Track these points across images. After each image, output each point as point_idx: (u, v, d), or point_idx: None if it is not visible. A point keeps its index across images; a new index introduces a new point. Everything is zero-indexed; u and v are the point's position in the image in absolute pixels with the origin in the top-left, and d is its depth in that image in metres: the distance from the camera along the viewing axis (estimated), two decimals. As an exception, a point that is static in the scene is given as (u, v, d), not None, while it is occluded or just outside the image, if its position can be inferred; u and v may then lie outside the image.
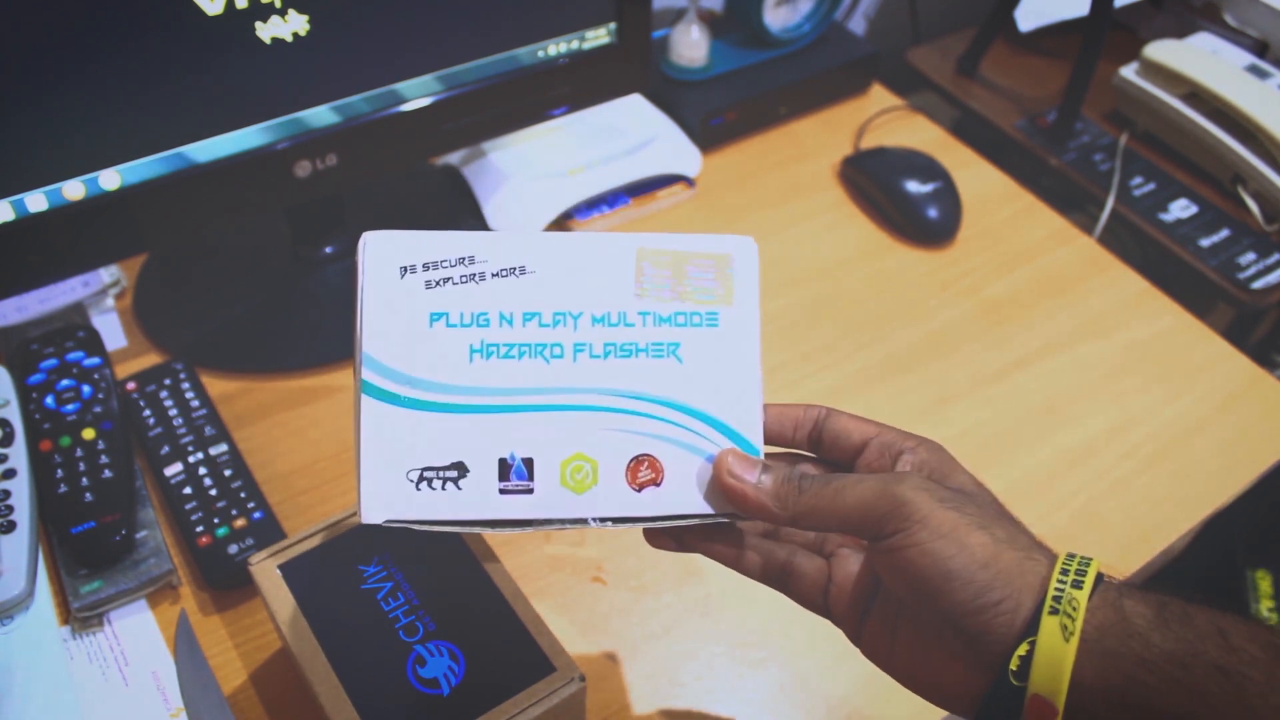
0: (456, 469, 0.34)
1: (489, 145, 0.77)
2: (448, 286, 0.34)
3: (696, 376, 0.36)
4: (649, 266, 0.36)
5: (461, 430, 0.34)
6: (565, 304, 0.35)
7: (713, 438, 0.36)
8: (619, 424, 0.35)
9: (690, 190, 0.80)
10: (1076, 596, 0.31)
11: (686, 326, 0.36)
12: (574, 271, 0.35)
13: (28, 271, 0.55)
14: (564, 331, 0.35)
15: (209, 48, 0.52)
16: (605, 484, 0.35)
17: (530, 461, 0.34)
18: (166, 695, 0.49)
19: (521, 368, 0.34)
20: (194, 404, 0.59)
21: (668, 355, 0.35)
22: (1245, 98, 0.81)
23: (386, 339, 0.34)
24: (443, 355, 0.34)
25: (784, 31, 0.86)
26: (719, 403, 0.36)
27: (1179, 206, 0.83)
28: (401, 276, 0.34)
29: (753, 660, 0.53)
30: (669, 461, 0.35)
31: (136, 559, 0.52)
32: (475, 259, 0.34)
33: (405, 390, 0.34)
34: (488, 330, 0.34)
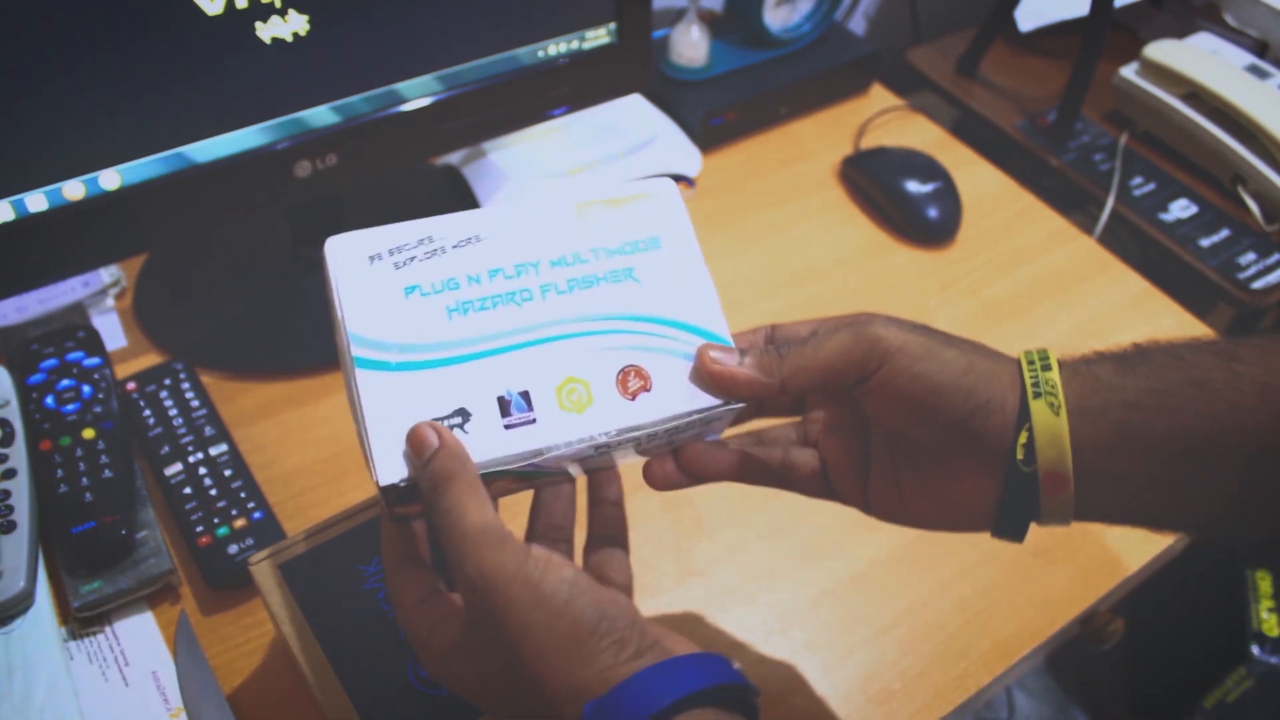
0: (460, 414, 0.35)
1: (489, 145, 0.77)
2: (414, 264, 0.37)
3: (656, 291, 0.39)
4: (586, 213, 0.39)
5: (455, 380, 0.36)
6: (523, 256, 0.38)
7: (686, 339, 0.38)
8: (599, 344, 0.37)
9: (690, 190, 0.80)
10: (1050, 377, 0.35)
11: (634, 253, 0.39)
12: (523, 230, 0.39)
13: (28, 271, 0.55)
14: (529, 278, 0.38)
15: (209, 48, 0.52)
16: (601, 400, 0.37)
17: (526, 394, 0.36)
18: (166, 695, 0.49)
19: (497, 316, 0.37)
20: (194, 404, 0.59)
21: (625, 279, 0.39)
22: (1245, 98, 0.81)
23: (368, 316, 0.36)
24: (423, 320, 0.36)
25: (784, 31, 0.86)
26: (682, 308, 0.39)
27: (1179, 206, 0.83)
28: (370, 264, 0.37)
29: (753, 660, 0.53)
30: (654, 368, 0.38)
31: (136, 559, 0.52)
32: (433, 238, 0.38)
33: (395, 356, 0.36)
34: (459, 291, 0.37)
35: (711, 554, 0.57)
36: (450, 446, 0.34)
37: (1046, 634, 0.55)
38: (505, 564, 0.32)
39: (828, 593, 0.56)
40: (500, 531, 0.33)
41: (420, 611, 0.36)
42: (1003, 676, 0.54)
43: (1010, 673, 0.54)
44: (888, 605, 0.55)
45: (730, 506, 0.59)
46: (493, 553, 0.32)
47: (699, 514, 0.59)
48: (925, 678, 0.53)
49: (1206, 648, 1.00)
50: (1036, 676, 1.18)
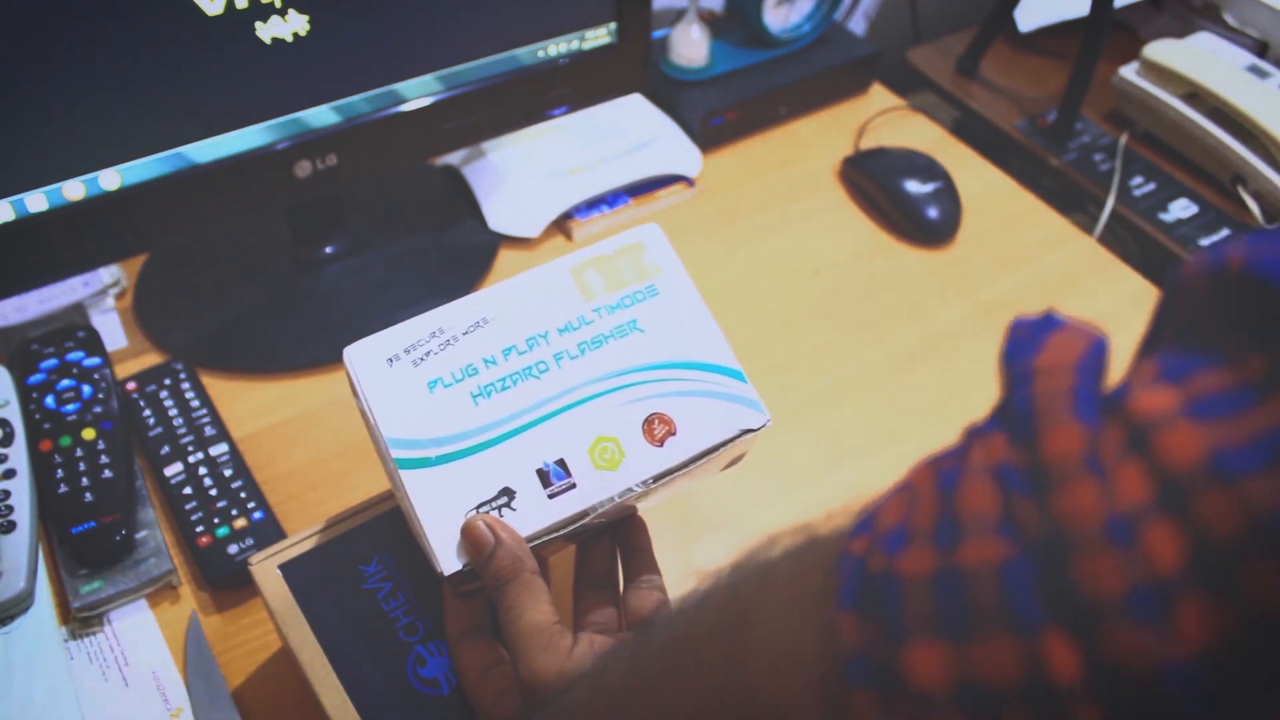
0: (505, 494, 0.37)
1: (489, 145, 0.77)
2: (431, 358, 0.39)
3: (662, 336, 0.40)
4: (582, 276, 0.41)
5: (494, 462, 0.38)
6: (532, 329, 0.39)
7: (699, 377, 0.40)
8: (619, 400, 0.39)
9: (690, 190, 0.80)
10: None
11: (634, 305, 0.40)
12: (526, 305, 0.40)
13: (28, 271, 0.55)
14: (541, 349, 0.39)
15: (209, 48, 0.52)
16: (632, 452, 0.39)
17: (563, 461, 0.38)
18: (166, 695, 0.49)
19: (520, 392, 0.38)
20: (194, 404, 0.59)
21: (631, 331, 0.40)
22: (1245, 98, 0.81)
23: (400, 418, 0.38)
24: (451, 410, 0.38)
25: (784, 31, 0.86)
26: (689, 348, 0.40)
27: (1179, 206, 0.83)
28: (390, 366, 0.38)
29: (753, 660, 0.53)
30: (674, 411, 0.39)
31: (136, 559, 0.52)
32: (443, 329, 0.39)
33: (433, 451, 0.37)
34: (479, 376, 0.38)
35: (711, 554, 0.57)
36: (506, 545, 0.37)
37: (1046, 634, 0.55)
38: (551, 664, 0.35)
39: (828, 593, 0.56)
40: (549, 632, 0.36)
41: (484, 682, 0.39)
42: (1003, 676, 0.53)
43: (1010, 673, 0.54)
44: (888, 605, 0.55)
45: (730, 506, 0.59)
46: (541, 655, 0.35)
47: (699, 514, 0.59)
48: (925, 678, 0.52)
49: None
50: (1036, 676, 1.18)
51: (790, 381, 0.66)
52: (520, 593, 0.36)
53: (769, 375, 0.67)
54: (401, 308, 0.68)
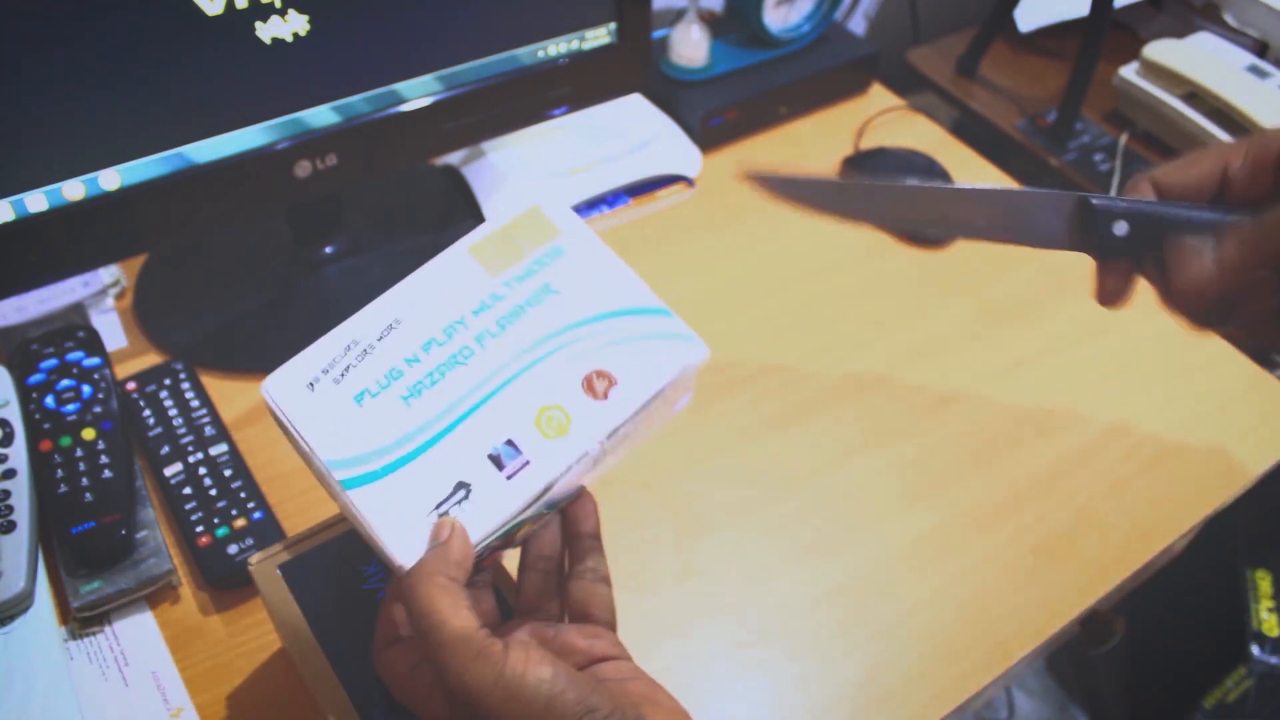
0: (461, 488, 0.36)
1: (489, 145, 0.77)
2: (351, 372, 0.38)
3: (578, 294, 0.40)
4: (484, 253, 0.40)
5: (442, 458, 0.36)
6: (446, 319, 0.39)
7: (626, 324, 0.39)
8: (552, 365, 0.38)
9: (690, 190, 0.80)
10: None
11: (542, 269, 0.40)
12: (434, 296, 0.39)
13: (28, 271, 0.55)
14: (461, 335, 0.38)
15: (209, 48, 0.52)
16: (579, 414, 0.38)
17: (511, 441, 0.37)
18: (166, 695, 0.49)
19: (450, 383, 0.38)
20: (194, 404, 0.59)
21: (546, 296, 0.39)
22: (1245, 98, 0.81)
23: (334, 438, 0.36)
24: (384, 418, 0.37)
25: (784, 31, 0.86)
26: (609, 298, 0.40)
27: (1179, 206, 0.83)
28: (312, 390, 0.37)
29: (753, 660, 0.53)
30: (611, 364, 0.38)
31: (136, 559, 0.52)
32: (356, 340, 0.38)
33: (376, 463, 0.36)
34: (404, 377, 0.37)
35: (711, 554, 0.57)
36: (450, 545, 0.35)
37: (1046, 634, 0.55)
38: (484, 675, 0.32)
39: (828, 593, 0.56)
40: (478, 640, 0.33)
41: (414, 682, 0.37)
42: (1003, 676, 0.54)
43: (1010, 673, 0.54)
44: (887, 605, 0.55)
45: (730, 506, 0.59)
46: (471, 664, 0.32)
47: (699, 514, 0.59)
48: (925, 678, 0.52)
49: (1206, 648, 1.00)
50: (1036, 676, 1.18)
51: (790, 381, 0.67)
52: (438, 595, 0.33)
53: (769, 375, 0.67)
54: (401, 308, 0.68)
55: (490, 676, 0.32)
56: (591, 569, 0.41)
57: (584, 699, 0.33)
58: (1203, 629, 1.02)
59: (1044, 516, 0.60)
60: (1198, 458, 0.64)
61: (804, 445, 0.63)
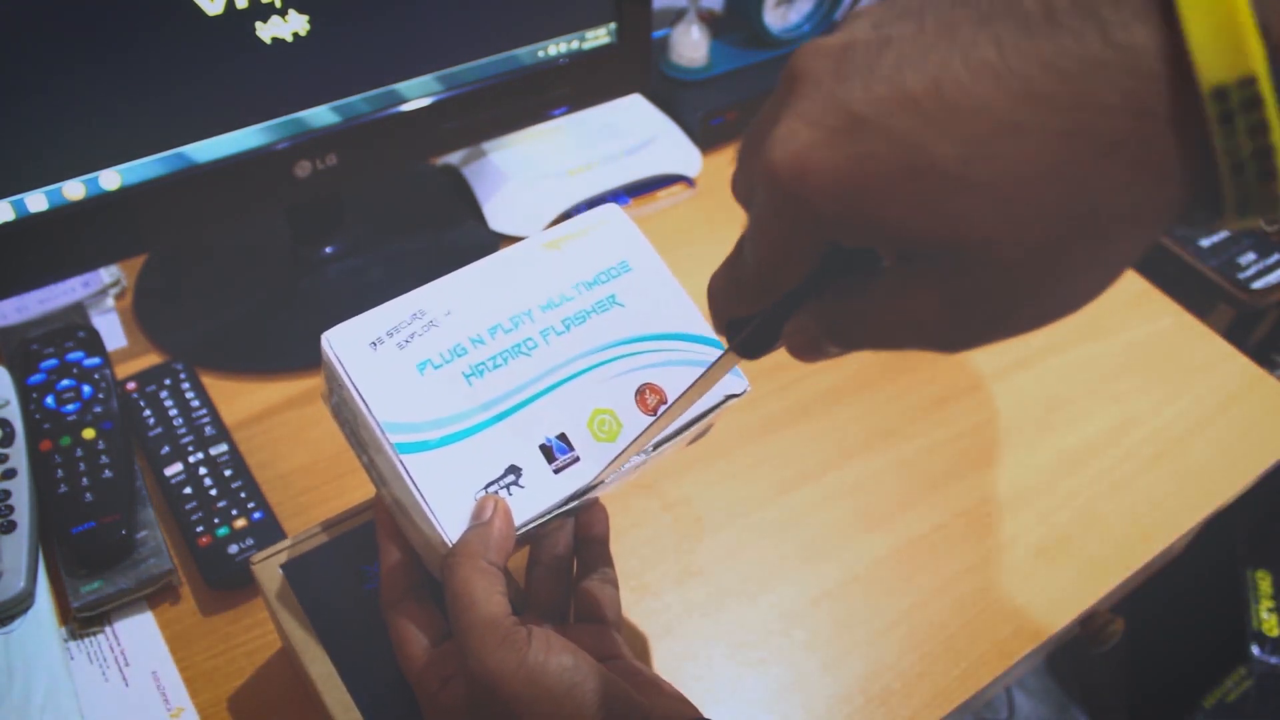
0: (512, 472, 0.37)
1: (489, 145, 0.77)
2: (415, 340, 0.38)
3: (640, 310, 0.41)
4: (556, 253, 0.41)
5: (496, 440, 0.37)
6: (514, 308, 0.39)
7: (680, 347, 0.41)
8: (609, 372, 0.39)
9: (690, 190, 0.80)
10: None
11: (610, 280, 0.41)
12: (505, 284, 0.40)
13: (28, 271, 0.55)
14: (527, 326, 0.39)
15: (209, 48, 0.52)
16: (629, 423, 0.39)
17: (564, 436, 0.38)
18: (166, 695, 0.49)
19: (512, 370, 0.38)
20: (194, 404, 0.59)
21: (611, 306, 0.41)
22: (1245, 98, 0.81)
23: (392, 402, 0.36)
24: (445, 392, 0.37)
25: (784, 31, 0.86)
26: (668, 320, 0.41)
27: (1179, 206, 0.83)
28: (375, 349, 0.37)
29: (753, 660, 0.53)
30: (662, 380, 0.40)
31: (136, 559, 0.52)
32: (423, 311, 0.38)
33: (432, 433, 0.36)
34: (468, 356, 0.38)
35: (711, 554, 0.57)
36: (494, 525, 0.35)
37: (1046, 634, 0.55)
38: (508, 662, 0.33)
39: (828, 593, 0.56)
40: (505, 626, 0.33)
41: (428, 666, 0.37)
42: (1003, 676, 0.54)
43: (1010, 673, 0.54)
44: (888, 605, 0.55)
45: (730, 506, 0.59)
46: (497, 650, 0.33)
47: (699, 514, 0.59)
48: (925, 678, 0.53)
49: (1206, 648, 1.00)
50: (1036, 676, 1.18)
51: (790, 381, 0.67)
52: (475, 578, 0.34)
53: (769, 375, 0.67)
54: (401, 308, 0.68)
55: (513, 662, 0.33)
56: (601, 573, 0.42)
57: (601, 689, 0.34)
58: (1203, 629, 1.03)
59: (1044, 516, 0.60)
60: (1198, 458, 0.64)
61: (804, 445, 0.63)
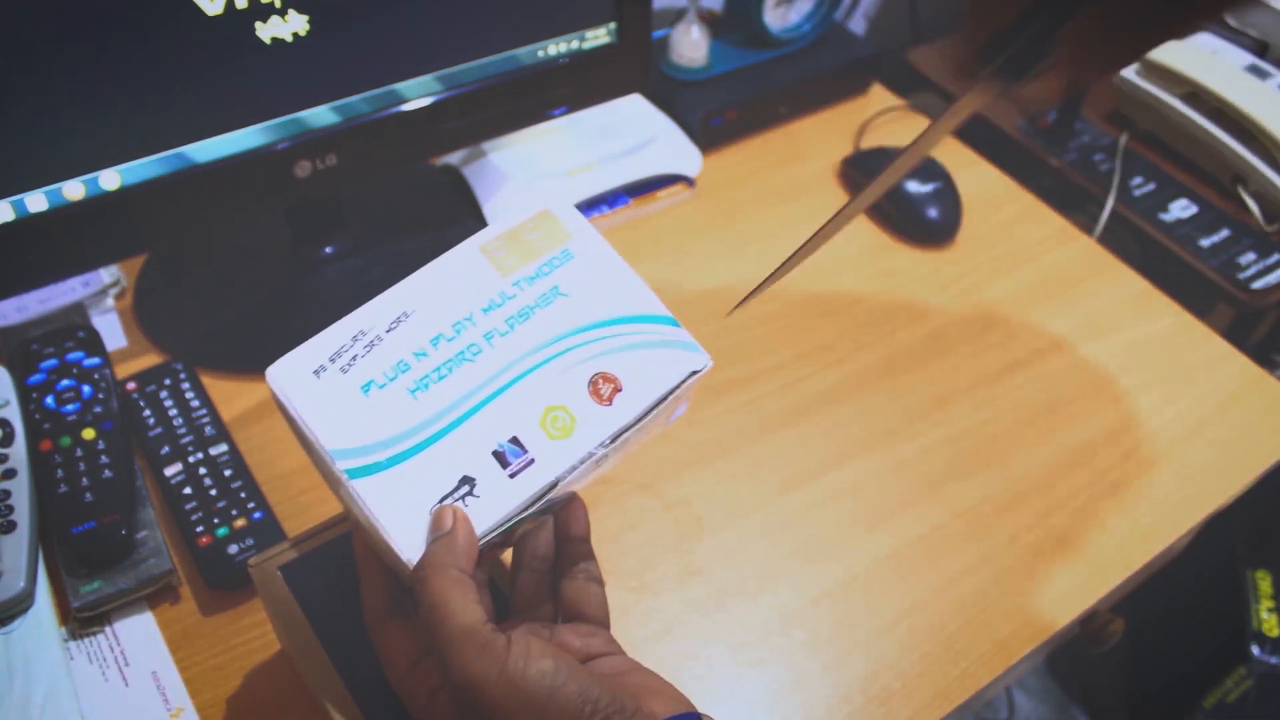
0: (466, 483, 0.36)
1: (489, 145, 0.77)
2: (358, 362, 0.37)
3: (587, 298, 0.40)
4: (494, 253, 0.40)
5: (447, 452, 0.36)
6: (455, 314, 0.39)
7: (633, 330, 0.39)
8: (559, 366, 0.38)
9: (690, 190, 0.80)
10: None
11: (552, 271, 0.40)
12: (444, 291, 0.39)
13: (28, 271, 0.55)
14: (470, 332, 0.38)
15: (209, 48, 0.52)
16: (583, 416, 0.38)
17: (516, 439, 0.37)
18: (166, 695, 0.49)
19: (457, 379, 0.37)
20: (194, 404, 0.59)
21: (555, 298, 0.39)
22: (1245, 98, 0.81)
23: (339, 427, 0.36)
24: (391, 410, 0.37)
25: (784, 31, 0.86)
26: (617, 304, 0.40)
27: (1179, 206, 0.83)
28: (318, 378, 0.37)
29: (753, 660, 0.53)
30: (618, 368, 0.39)
31: (136, 559, 0.52)
32: (364, 330, 0.38)
33: (381, 454, 0.36)
34: (412, 371, 0.37)
35: (711, 554, 0.57)
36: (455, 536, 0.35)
37: (1046, 634, 0.55)
38: (488, 670, 0.32)
39: (828, 593, 0.56)
40: (483, 635, 0.33)
41: (415, 678, 0.37)
42: (1003, 676, 0.54)
43: (1010, 673, 0.54)
44: (888, 605, 0.55)
45: (730, 506, 0.59)
46: (476, 659, 0.33)
47: (699, 514, 0.59)
48: (925, 678, 0.53)
49: (1206, 648, 1.00)
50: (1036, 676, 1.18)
51: (790, 381, 0.67)
52: (449, 589, 0.34)
53: (769, 375, 0.67)
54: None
55: (494, 670, 0.32)
56: (584, 570, 0.42)
57: (584, 691, 0.33)
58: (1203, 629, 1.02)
59: (1044, 516, 0.60)
60: (1198, 458, 0.64)
61: (804, 445, 0.63)
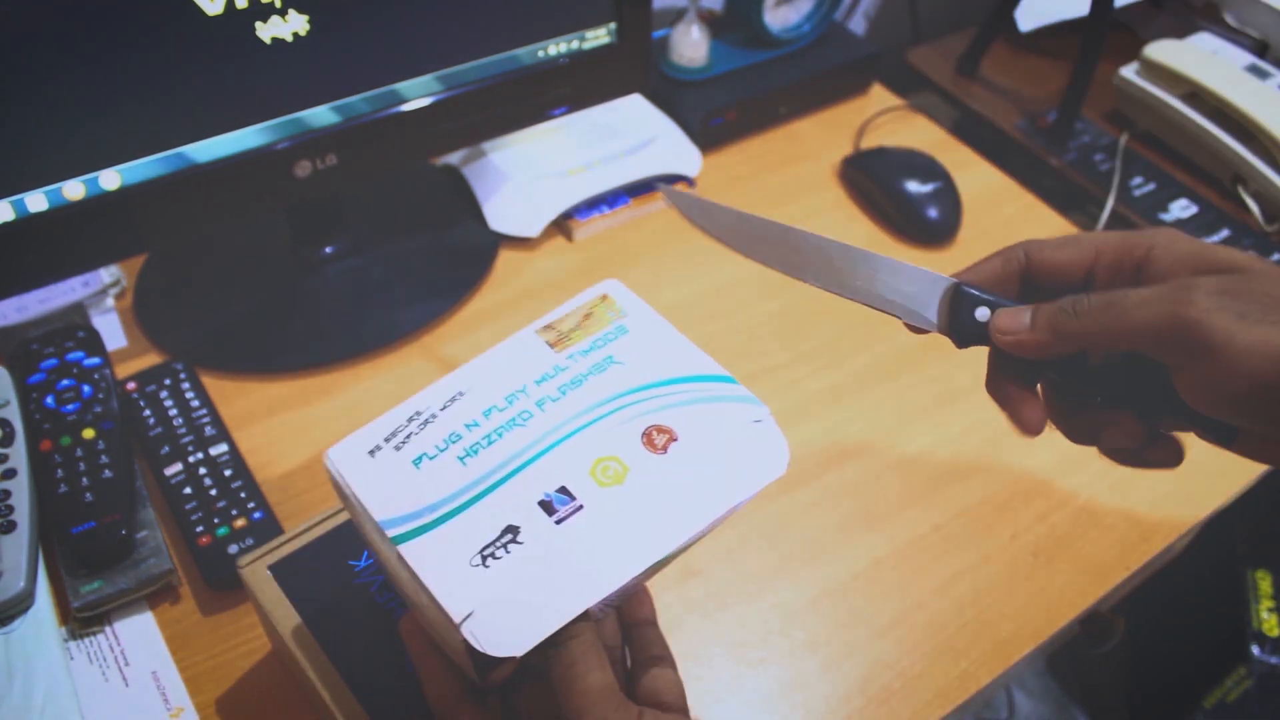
0: (509, 531, 0.36)
1: (489, 145, 0.77)
2: (413, 439, 0.38)
3: (641, 363, 0.40)
4: (551, 334, 0.41)
5: (493, 508, 0.36)
6: (507, 389, 0.39)
7: (689, 388, 0.39)
8: (612, 423, 0.38)
9: (690, 190, 0.80)
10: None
11: (607, 344, 0.40)
12: (500, 370, 0.40)
13: (28, 271, 0.55)
14: (522, 401, 0.39)
15: (209, 48, 0.52)
16: (636, 464, 0.37)
17: (564, 488, 0.36)
18: (166, 695, 0.49)
19: (507, 442, 0.38)
20: (194, 404, 0.59)
21: (609, 366, 0.40)
22: (1245, 98, 0.81)
23: (390, 499, 0.36)
24: (441, 477, 0.37)
25: (784, 31, 0.86)
26: (672, 366, 0.40)
27: (1179, 206, 0.83)
28: (373, 457, 0.37)
29: (753, 660, 0.53)
30: (673, 420, 0.38)
31: (136, 559, 0.52)
32: (420, 412, 0.38)
33: (428, 518, 0.36)
34: (463, 440, 0.38)
35: (711, 554, 0.57)
36: None
37: (1046, 634, 0.55)
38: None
39: (828, 593, 0.56)
40: (618, 696, 0.34)
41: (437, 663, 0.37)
42: (1003, 676, 0.54)
43: (1010, 673, 0.54)
44: (888, 605, 0.55)
45: (730, 506, 0.59)
46: (614, 714, 0.34)
47: (699, 514, 0.59)
48: (925, 678, 0.53)
49: (1206, 648, 1.00)
50: (1036, 676, 1.18)
51: (790, 381, 0.67)
52: (587, 650, 0.34)
53: (769, 375, 0.67)
54: (402, 307, 0.68)
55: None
56: (656, 656, 0.41)
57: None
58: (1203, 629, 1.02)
59: (1044, 516, 0.60)
60: (1198, 458, 0.64)
61: (803, 445, 0.63)
